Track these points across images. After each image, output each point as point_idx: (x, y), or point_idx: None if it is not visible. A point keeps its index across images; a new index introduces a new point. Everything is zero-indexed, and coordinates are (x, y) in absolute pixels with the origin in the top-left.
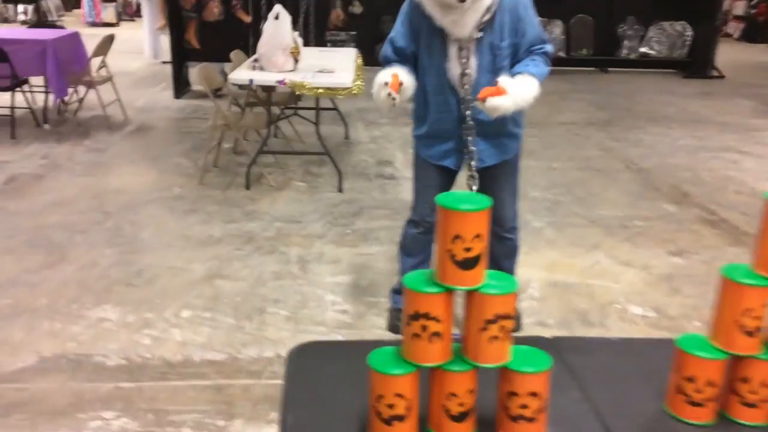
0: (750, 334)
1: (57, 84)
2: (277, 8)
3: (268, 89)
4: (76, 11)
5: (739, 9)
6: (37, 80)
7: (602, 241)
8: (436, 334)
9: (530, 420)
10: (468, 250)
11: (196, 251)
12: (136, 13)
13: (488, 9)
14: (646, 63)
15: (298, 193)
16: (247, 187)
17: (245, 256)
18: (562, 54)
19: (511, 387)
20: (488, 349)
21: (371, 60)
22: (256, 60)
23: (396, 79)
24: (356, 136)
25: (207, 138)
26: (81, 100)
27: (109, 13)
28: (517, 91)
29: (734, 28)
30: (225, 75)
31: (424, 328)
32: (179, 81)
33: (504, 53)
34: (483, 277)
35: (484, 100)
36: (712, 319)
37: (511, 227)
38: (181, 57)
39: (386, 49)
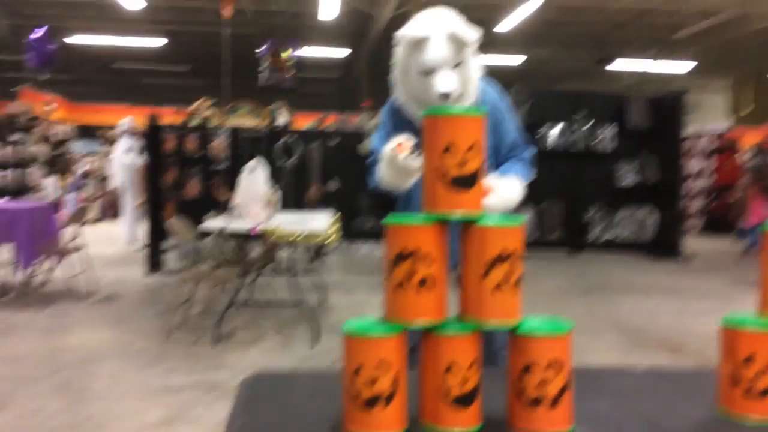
0: None
1: (26, 254)
2: (254, 161)
3: (242, 246)
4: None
5: (697, 206)
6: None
7: None
8: (428, 280)
9: (553, 403)
10: (463, 164)
11: (154, 399)
12: (119, 214)
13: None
14: (615, 246)
15: (270, 347)
16: (215, 343)
17: (209, 402)
18: (536, 236)
19: (526, 358)
20: (492, 302)
21: (348, 233)
22: (229, 209)
23: (401, 141)
24: (332, 301)
25: (175, 303)
26: (50, 270)
27: (90, 211)
28: (504, 190)
29: (694, 223)
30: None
31: (410, 273)
32: (153, 258)
33: (487, 152)
34: (480, 201)
35: None
36: (762, 288)
37: (501, 347)
38: (156, 235)
39: (372, 161)
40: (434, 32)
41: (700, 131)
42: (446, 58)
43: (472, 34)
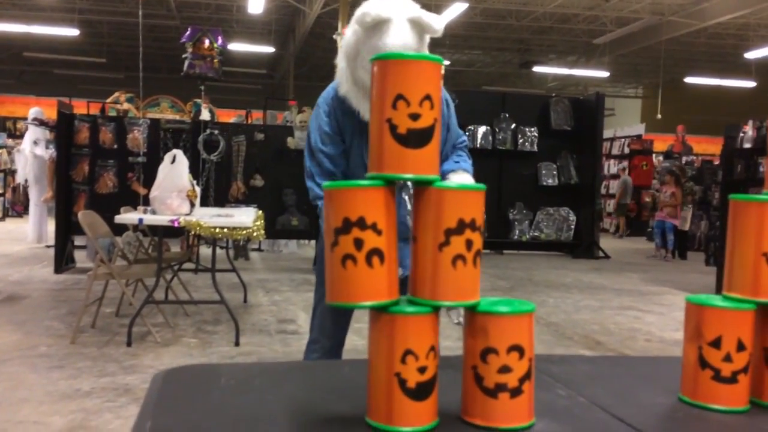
0: None
1: None
2: (175, 152)
3: (160, 241)
4: None
5: (612, 207)
6: None
7: None
8: (377, 253)
9: (514, 392)
10: (415, 117)
11: (58, 404)
12: (25, 210)
13: None
14: (537, 245)
15: (189, 348)
16: (129, 344)
17: (118, 407)
18: None
19: (487, 340)
20: (451, 276)
21: (271, 231)
22: (147, 204)
23: None
24: (256, 300)
25: (85, 302)
26: None
27: None
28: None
29: (609, 223)
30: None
31: (358, 243)
32: (62, 256)
33: (440, 123)
34: (436, 162)
35: None
36: (728, 263)
37: None
38: (66, 232)
39: (324, 165)
40: (397, 15)
41: (617, 134)
42: (407, 43)
43: (437, 21)
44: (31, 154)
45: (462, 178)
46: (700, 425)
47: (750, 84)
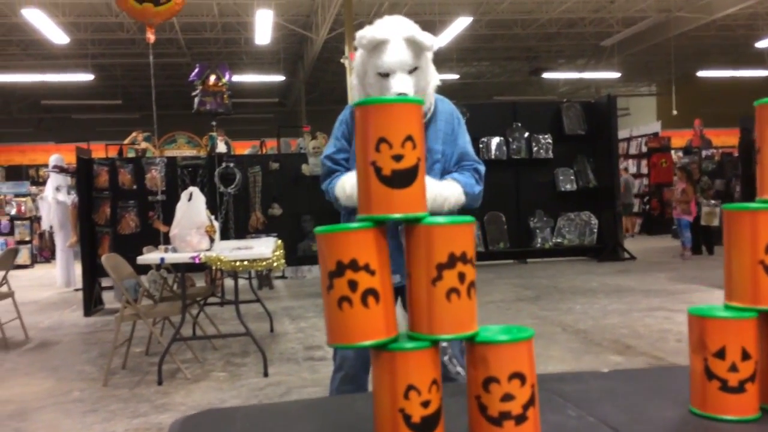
0: None
1: None
2: (191, 189)
3: (183, 277)
4: None
5: (635, 206)
6: None
7: None
8: (372, 293)
9: (519, 419)
10: (398, 158)
11: None
12: (52, 256)
13: (425, 114)
14: (560, 251)
15: (218, 382)
16: (159, 383)
17: None
18: (480, 249)
19: (487, 370)
20: (447, 310)
21: (293, 258)
22: (168, 242)
23: None
24: (282, 329)
25: (115, 344)
26: None
27: (22, 255)
28: (439, 191)
29: (633, 223)
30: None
31: (352, 285)
32: (90, 299)
33: (435, 156)
34: (423, 200)
35: None
36: (726, 272)
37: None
38: (92, 275)
39: (327, 166)
40: (393, 35)
41: (633, 134)
42: (403, 60)
43: (430, 38)
44: (54, 200)
45: (441, 184)
46: None
47: (763, 73)
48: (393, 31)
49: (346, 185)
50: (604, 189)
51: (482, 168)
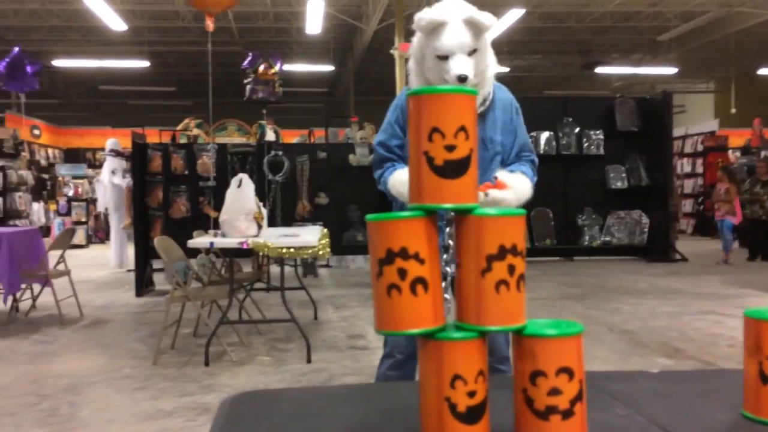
0: None
1: (9, 279)
2: (241, 176)
3: (231, 262)
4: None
5: (689, 207)
6: None
7: None
8: (421, 281)
9: (566, 414)
10: (451, 149)
11: (142, 425)
12: (107, 237)
13: (484, 100)
14: (608, 250)
15: (263, 366)
16: (206, 364)
17: (198, 426)
18: (526, 245)
19: (535, 363)
20: (495, 301)
21: (338, 248)
22: (218, 227)
23: None
24: (326, 317)
25: (164, 324)
26: (35, 298)
27: (78, 235)
28: (518, 185)
29: (686, 224)
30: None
31: (402, 273)
32: (142, 280)
33: (496, 148)
34: (474, 191)
35: (485, 192)
36: None
37: (504, 357)
38: (145, 256)
39: (379, 153)
40: (452, 17)
41: (689, 132)
42: (463, 42)
43: (489, 18)
44: (110, 183)
45: (515, 177)
46: None
47: None
48: (451, 13)
49: (397, 183)
50: (657, 188)
51: (537, 160)
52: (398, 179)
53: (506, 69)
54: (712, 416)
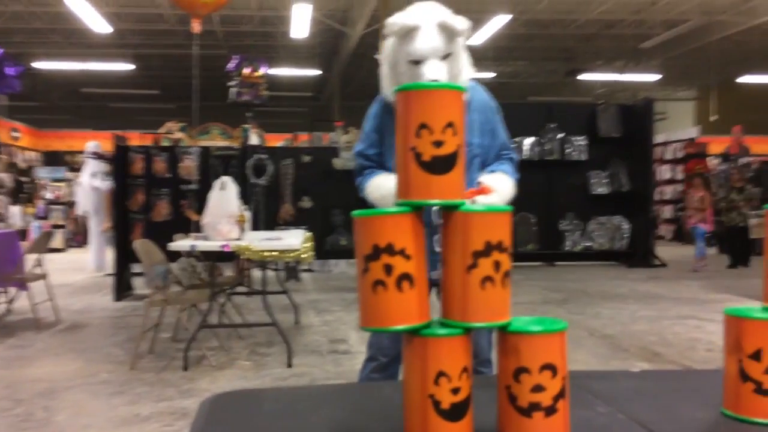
0: None
1: None
2: (224, 179)
3: (212, 266)
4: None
5: (668, 213)
6: None
7: None
8: (407, 278)
9: (549, 411)
10: (438, 144)
11: (119, 430)
12: (85, 240)
13: None
14: (590, 255)
15: (243, 370)
16: (185, 368)
17: (178, 430)
18: None
19: (519, 360)
20: (481, 297)
21: (321, 252)
22: (199, 231)
23: None
24: (307, 321)
25: (143, 328)
26: (11, 302)
27: (57, 239)
28: (501, 187)
29: (665, 230)
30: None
31: (388, 269)
32: (121, 284)
33: (474, 151)
34: (461, 187)
35: (473, 200)
36: (764, 274)
37: (485, 359)
38: (124, 260)
39: (359, 162)
40: (424, 21)
41: (669, 138)
42: (436, 47)
43: (462, 23)
44: (90, 186)
45: (497, 179)
46: None
47: None
48: (424, 17)
49: (374, 189)
50: (638, 193)
51: (517, 157)
52: (374, 185)
53: (492, 75)
54: (692, 414)
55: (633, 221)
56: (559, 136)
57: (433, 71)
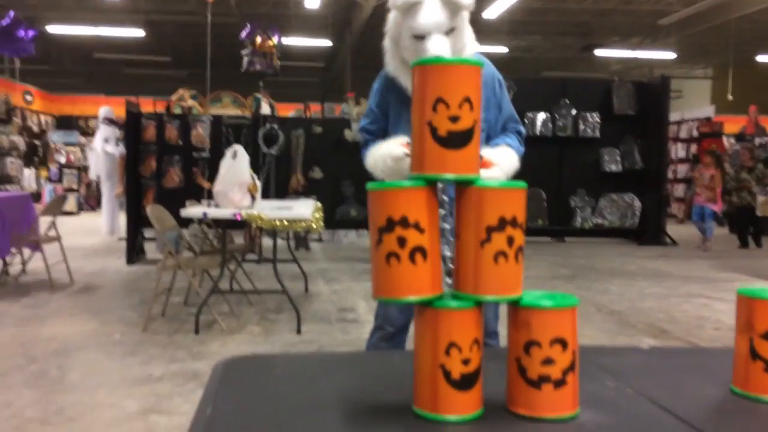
0: None
1: (1, 243)
2: (236, 147)
3: (224, 233)
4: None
5: (680, 191)
6: None
7: None
8: (420, 250)
9: (558, 383)
10: (455, 119)
11: (131, 389)
12: (98, 205)
13: None
14: (600, 232)
15: (253, 335)
16: (196, 332)
17: (188, 392)
18: None
19: (530, 333)
20: (493, 272)
21: (331, 222)
22: (211, 198)
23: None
24: (316, 289)
25: (155, 292)
26: (25, 263)
27: (70, 202)
28: (503, 161)
29: (677, 209)
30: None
31: (401, 241)
32: (133, 247)
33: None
34: (476, 162)
35: None
36: None
37: (492, 331)
38: (136, 224)
39: (363, 137)
40: None
41: (685, 117)
42: (439, 22)
43: None
44: (103, 151)
45: (499, 152)
46: (750, 417)
47: None
48: None
49: (370, 159)
50: (651, 172)
51: (523, 130)
52: (370, 153)
53: (505, 49)
54: (701, 391)
55: (645, 199)
56: (573, 112)
57: (437, 47)
